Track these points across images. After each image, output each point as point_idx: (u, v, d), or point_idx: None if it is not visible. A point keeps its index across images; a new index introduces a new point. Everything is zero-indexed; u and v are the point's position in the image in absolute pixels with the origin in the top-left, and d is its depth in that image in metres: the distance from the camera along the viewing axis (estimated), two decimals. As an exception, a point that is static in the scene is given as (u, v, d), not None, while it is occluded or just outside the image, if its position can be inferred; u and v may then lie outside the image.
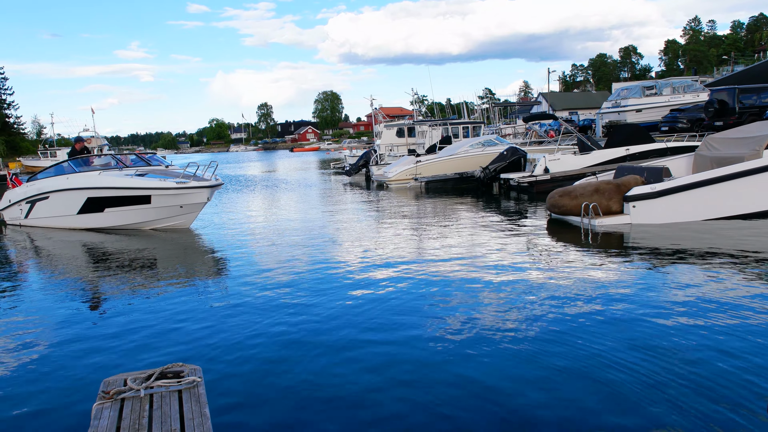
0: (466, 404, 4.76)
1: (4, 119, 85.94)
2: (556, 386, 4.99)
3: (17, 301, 8.97)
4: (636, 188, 12.08)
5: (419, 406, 4.76)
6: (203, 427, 3.59)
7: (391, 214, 16.99)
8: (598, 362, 5.40)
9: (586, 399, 4.74)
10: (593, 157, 19.59)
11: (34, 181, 17.33)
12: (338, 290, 8.43)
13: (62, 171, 16.51)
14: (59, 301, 8.69)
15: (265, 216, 18.24)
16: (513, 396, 4.86)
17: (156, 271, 10.74)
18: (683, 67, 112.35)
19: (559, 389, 4.94)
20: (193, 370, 4.34)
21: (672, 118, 28.43)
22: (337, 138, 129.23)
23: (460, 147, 25.54)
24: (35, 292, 9.52)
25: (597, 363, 5.39)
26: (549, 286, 8.00)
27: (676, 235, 11.02)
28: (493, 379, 5.17)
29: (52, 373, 5.81)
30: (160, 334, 6.81)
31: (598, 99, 61.52)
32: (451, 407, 4.72)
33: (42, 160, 64.52)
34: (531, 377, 5.18)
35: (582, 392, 4.85)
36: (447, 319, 6.85)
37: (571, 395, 4.81)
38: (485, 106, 63.75)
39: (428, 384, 5.15)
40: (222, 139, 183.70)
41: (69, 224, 16.27)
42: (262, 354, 6.07)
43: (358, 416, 4.67)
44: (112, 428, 3.63)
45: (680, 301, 7.12)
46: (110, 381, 4.23)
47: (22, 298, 9.14)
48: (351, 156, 38.82)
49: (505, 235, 12.26)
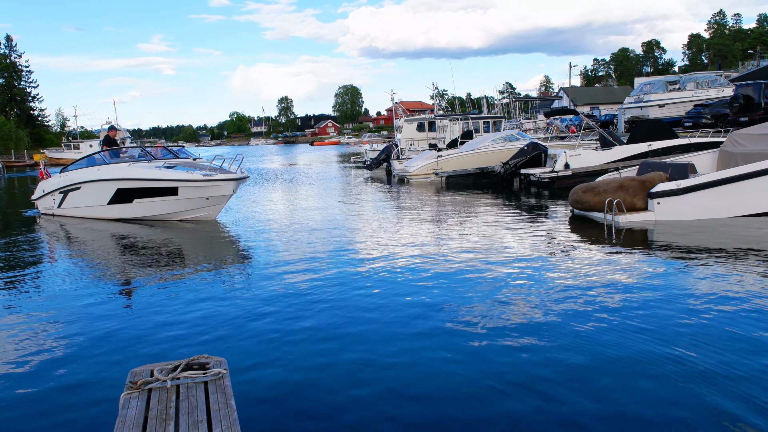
0: (483, 402, 4.75)
1: (29, 112, 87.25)
2: (580, 384, 4.96)
3: (47, 290, 9.12)
4: (661, 184, 11.93)
5: (447, 400, 4.76)
6: (229, 418, 3.62)
7: (411, 208, 16.98)
8: (625, 361, 5.36)
9: (616, 398, 4.71)
10: (615, 152, 19.38)
11: (67, 172, 17.73)
12: (360, 283, 8.45)
13: (94, 162, 16.89)
14: (88, 291, 8.80)
15: (287, 209, 18.35)
16: (544, 393, 4.84)
17: (182, 262, 10.85)
18: (707, 61, 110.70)
19: (582, 388, 4.90)
20: (218, 362, 4.37)
21: (696, 113, 27.99)
22: (357, 132, 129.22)
23: (481, 142, 25.44)
24: (65, 281, 9.65)
25: (624, 361, 5.34)
26: (574, 283, 7.93)
27: (702, 232, 10.86)
28: (517, 376, 5.15)
29: (79, 362, 5.89)
30: (186, 326, 6.87)
31: (620, 94, 60.77)
32: (477, 401, 4.72)
33: (65, 152, 65.46)
34: (561, 374, 5.15)
35: (608, 391, 4.82)
36: (469, 315, 6.83)
37: (599, 394, 4.78)
38: (506, 100, 63.40)
39: (463, 378, 5.14)
40: (242, 132, 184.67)
41: (99, 214, 16.61)
42: (287, 345, 6.10)
43: (388, 408, 4.68)
44: (140, 418, 3.67)
45: (707, 299, 7.02)
46: (137, 371, 4.28)
47: (52, 287, 9.28)
48: (371, 150, 38.80)
49: (527, 230, 12.19)
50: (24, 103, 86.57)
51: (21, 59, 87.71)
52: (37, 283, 9.67)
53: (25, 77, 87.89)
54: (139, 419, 3.65)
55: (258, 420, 4.57)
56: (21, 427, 4.66)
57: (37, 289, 9.23)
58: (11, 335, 6.81)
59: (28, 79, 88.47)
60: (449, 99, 75.81)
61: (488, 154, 24.07)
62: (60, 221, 17.13)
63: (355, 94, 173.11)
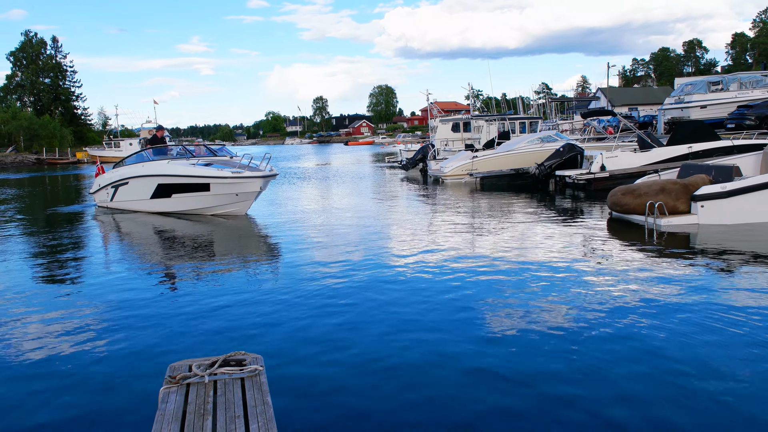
0: (525, 403, 4.70)
1: (73, 111, 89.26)
2: (616, 391, 4.87)
3: (91, 281, 9.33)
4: (705, 187, 11.64)
5: (478, 400, 4.72)
6: (266, 414, 3.64)
7: (445, 209, 16.90)
8: (665, 366, 5.24)
9: (657, 406, 4.61)
10: (653, 154, 18.98)
11: (118, 168, 19.01)
12: (392, 282, 8.43)
13: (141, 159, 18.11)
14: (129, 284, 8.94)
15: (321, 207, 18.48)
16: (578, 399, 4.76)
17: (219, 258, 10.99)
18: (752, 61, 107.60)
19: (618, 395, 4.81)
20: (255, 358, 4.40)
21: (739, 114, 27.25)
22: (391, 132, 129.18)
23: (518, 143, 25.18)
24: (108, 272, 9.86)
25: (664, 367, 5.23)
26: (618, 287, 7.79)
27: (747, 236, 10.58)
28: (551, 385, 5.08)
29: (119, 355, 6.00)
30: (224, 321, 6.95)
31: (660, 94, 59.54)
32: (507, 403, 4.67)
33: (107, 150, 66.86)
34: (595, 380, 5.06)
35: (649, 399, 4.72)
36: (504, 316, 6.77)
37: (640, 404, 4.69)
38: (541, 101, 62.67)
39: (486, 377, 5.10)
40: (278, 131, 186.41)
41: (144, 207, 17.67)
42: (322, 343, 6.11)
43: (425, 408, 4.65)
44: (179, 412, 3.72)
45: (754, 305, 6.82)
46: (176, 366, 4.33)
47: (95, 279, 9.49)
48: (405, 150, 38.73)
49: (565, 233, 12.02)
50: (68, 102, 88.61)
51: (66, 60, 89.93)
52: (83, 275, 9.94)
53: (70, 77, 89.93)
54: (178, 413, 3.70)
55: (294, 416, 4.59)
56: (63, 416, 4.76)
57: (82, 281, 9.47)
58: (54, 326, 6.96)
59: (73, 79, 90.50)
60: (484, 99, 75.40)
61: (524, 155, 23.82)
62: (112, 213, 18.25)
63: (390, 94, 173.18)
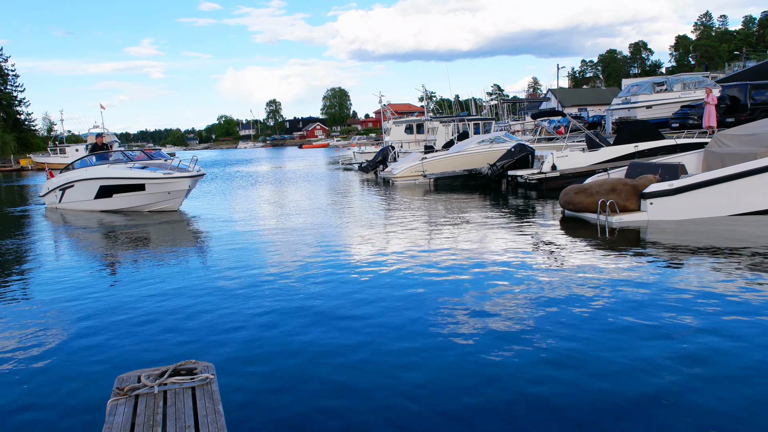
0: (481, 404, 4.74)
1: (15, 116, 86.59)
2: (570, 388, 4.96)
3: (36, 289, 9.07)
4: (653, 185, 12.01)
5: (427, 402, 4.74)
6: (217, 423, 3.58)
7: (396, 211, 16.90)
8: (622, 363, 5.37)
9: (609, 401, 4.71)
10: (602, 154, 19.45)
11: (65, 173, 21.41)
12: (345, 285, 8.41)
13: (85, 164, 20.54)
14: (73, 293, 8.68)
15: (269, 209, 18.54)
16: (525, 395, 4.83)
17: (166, 264, 10.73)
18: (694, 62, 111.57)
19: (572, 392, 4.90)
20: (206, 367, 4.32)
21: (683, 114, 28.12)
22: (346, 135, 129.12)
23: (468, 144, 25.43)
24: (54, 281, 9.53)
25: (621, 364, 5.35)
26: (570, 283, 7.94)
27: (695, 231, 10.98)
28: (509, 380, 5.14)
29: (64, 367, 5.81)
30: (171, 330, 6.80)
31: (608, 95, 61.12)
32: (457, 403, 4.70)
33: (52, 156, 64.81)
34: (546, 378, 5.15)
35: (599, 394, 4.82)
36: (459, 318, 6.82)
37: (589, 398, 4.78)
38: (493, 102, 63.63)
39: (441, 379, 5.13)
40: (230, 135, 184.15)
41: (89, 207, 19.96)
42: (275, 350, 6.05)
43: (373, 409, 4.65)
44: (127, 424, 3.62)
45: (700, 295, 7.05)
46: (124, 377, 4.22)
47: (41, 285, 9.24)
48: (359, 153, 38.67)
49: (519, 232, 12.19)
50: (10, 107, 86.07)
51: (7, 63, 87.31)
52: (28, 280, 9.62)
53: (11, 81, 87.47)
54: (126, 426, 3.60)
55: (246, 424, 4.53)
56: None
57: (25, 288, 9.13)
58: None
59: (14, 83, 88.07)
60: (438, 101, 76.06)
61: (475, 155, 24.07)
62: (60, 213, 20.42)
63: (344, 96, 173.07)
